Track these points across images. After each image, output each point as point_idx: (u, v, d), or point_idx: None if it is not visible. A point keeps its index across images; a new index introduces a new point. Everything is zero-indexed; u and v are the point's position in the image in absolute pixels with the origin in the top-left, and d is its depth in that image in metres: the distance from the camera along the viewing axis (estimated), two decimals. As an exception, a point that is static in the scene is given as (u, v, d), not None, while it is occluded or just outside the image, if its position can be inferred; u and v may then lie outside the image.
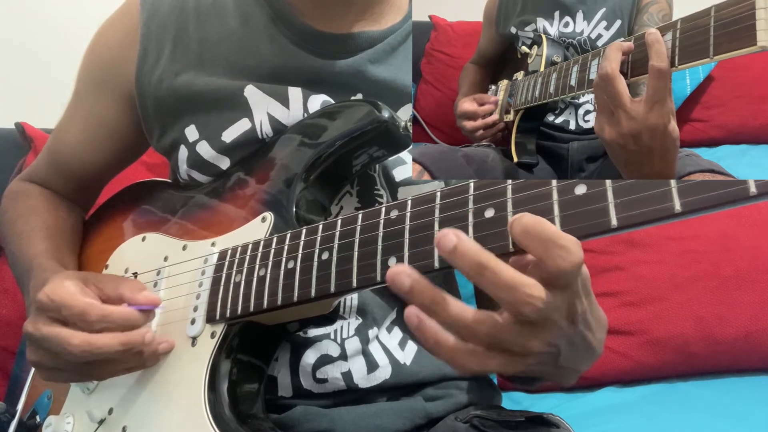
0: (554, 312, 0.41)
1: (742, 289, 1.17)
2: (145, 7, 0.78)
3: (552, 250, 0.39)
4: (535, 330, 0.41)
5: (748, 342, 1.15)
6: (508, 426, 0.64)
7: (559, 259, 0.39)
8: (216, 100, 0.71)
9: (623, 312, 1.18)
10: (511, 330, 0.41)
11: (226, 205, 0.69)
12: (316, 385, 0.66)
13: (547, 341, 0.42)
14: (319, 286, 0.53)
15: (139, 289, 0.63)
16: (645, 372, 1.18)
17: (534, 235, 0.39)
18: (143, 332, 0.59)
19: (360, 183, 0.70)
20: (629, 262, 1.21)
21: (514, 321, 0.41)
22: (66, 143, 0.84)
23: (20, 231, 0.78)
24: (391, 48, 0.72)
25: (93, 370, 0.60)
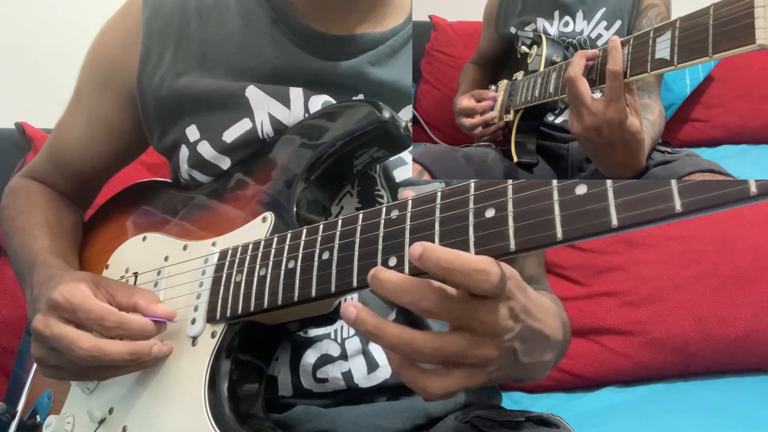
0: (494, 316, 0.43)
1: (742, 289, 1.17)
2: (147, 6, 0.78)
3: (473, 276, 0.41)
4: (482, 338, 0.44)
5: (748, 342, 1.15)
6: (508, 426, 0.64)
7: (482, 283, 0.41)
8: (217, 100, 0.72)
9: (623, 312, 1.18)
10: (457, 341, 0.44)
11: (226, 206, 0.69)
12: (316, 384, 0.66)
13: (497, 345, 0.44)
14: (320, 286, 0.53)
15: (155, 300, 0.64)
16: (645, 372, 1.18)
17: (451, 268, 0.41)
18: (151, 344, 0.60)
19: (360, 183, 0.70)
20: (629, 262, 1.21)
21: (457, 332, 0.43)
22: (66, 141, 0.84)
23: (22, 227, 0.79)
24: (393, 50, 0.72)
25: (95, 373, 0.61)
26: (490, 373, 0.45)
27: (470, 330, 0.44)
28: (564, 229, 0.41)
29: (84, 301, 0.59)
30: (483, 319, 0.43)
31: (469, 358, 0.44)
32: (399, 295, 0.43)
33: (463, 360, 0.44)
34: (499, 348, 0.44)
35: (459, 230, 0.44)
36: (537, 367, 0.51)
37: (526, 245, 0.43)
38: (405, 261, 0.47)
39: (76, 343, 0.57)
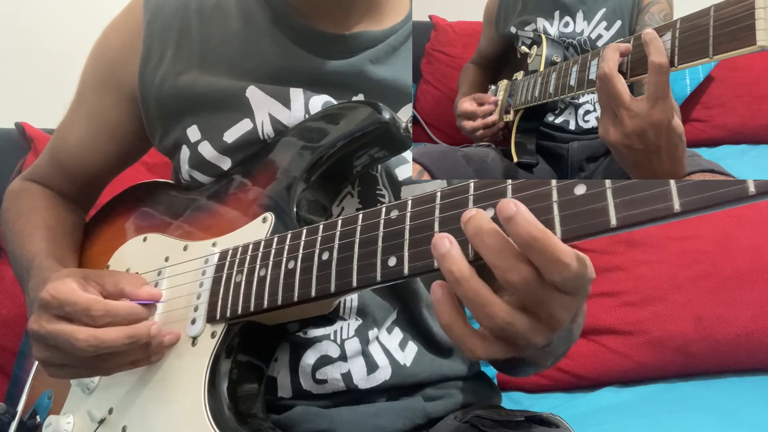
0: (564, 313, 0.42)
1: (742, 289, 1.17)
2: (149, 8, 0.78)
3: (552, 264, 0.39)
4: (542, 326, 0.42)
5: (748, 342, 1.15)
6: (508, 426, 0.64)
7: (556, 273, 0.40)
8: (218, 101, 0.72)
9: (623, 312, 1.18)
10: (524, 322, 0.42)
11: (226, 207, 0.69)
12: (315, 385, 0.66)
13: (549, 337, 0.43)
14: (320, 286, 0.53)
15: (140, 283, 0.64)
16: (645, 372, 1.18)
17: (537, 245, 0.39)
18: (149, 324, 0.60)
19: (361, 184, 0.70)
20: (629, 262, 1.21)
21: (524, 313, 0.42)
22: (68, 143, 0.84)
23: (21, 230, 0.79)
24: (392, 48, 0.72)
25: (101, 364, 0.60)
26: (523, 353, 0.44)
27: (535, 315, 0.42)
28: (563, 229, 0.41)
29: (69, 294, 0.59)
30: (554, 312, 0.42)
31: (521, 339, 0.43)
32: (494, 254, 0.41)
33: (515, 338, 0.43)
34: (548, 339, 0.43)
35: (459, 230, 0.44)
36: (549, 357, 0.51)
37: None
38: (405, 261, 0.47)
39: (72, 336, 0.58)
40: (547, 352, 0.46)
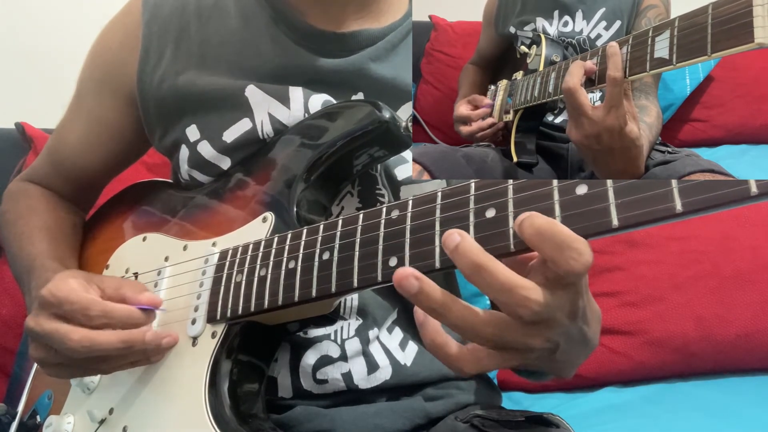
0: (557, 310, 0.42)
1: (742, 289, 1.17)
2: (147, 8, 0.78)
3: (565, 252, 0.39)
4: (538, 328, 0.42)
5: (748, 342, 1.15)
6: (508, 426, 0.64)
7: (571, 261, 0.39)
8: (217, 100, 0.72)
9: (623, 312, 1.18)
10: (517, 329, 0.42)
11: (226, 206, 0.69)
12: (316, 385, 0.66)
13: (547, 338, 0.43)
14: (320, 286, 0.53)
15: (141, 289, 0.64)
16: (645, 372, 1.18)
17: (547, 236, 0.40)
18: (144, 331, 0.60)
19: (361, 183, 0.70)
20: (629, 262, 1.21)
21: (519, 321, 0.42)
22: (67, 143, 0.84)
23: (20, 231, 0.79)
24: (392, 45, 0.72)
25: (96, 365, 0.61)
26: (526, 360, 0.44)
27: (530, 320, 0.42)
28: (565, 229, 0.41)
29: (69, 293, 0.59)
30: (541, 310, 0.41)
31: (518, 344, 0.43)
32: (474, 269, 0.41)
33: (512, 345, 0.43)
34: (548, 340, 0.43)
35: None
36: (566, 365, 0.50)
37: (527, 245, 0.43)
38: (405, 261, 0.47)
39: (67, 336, 0.58)
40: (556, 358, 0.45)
